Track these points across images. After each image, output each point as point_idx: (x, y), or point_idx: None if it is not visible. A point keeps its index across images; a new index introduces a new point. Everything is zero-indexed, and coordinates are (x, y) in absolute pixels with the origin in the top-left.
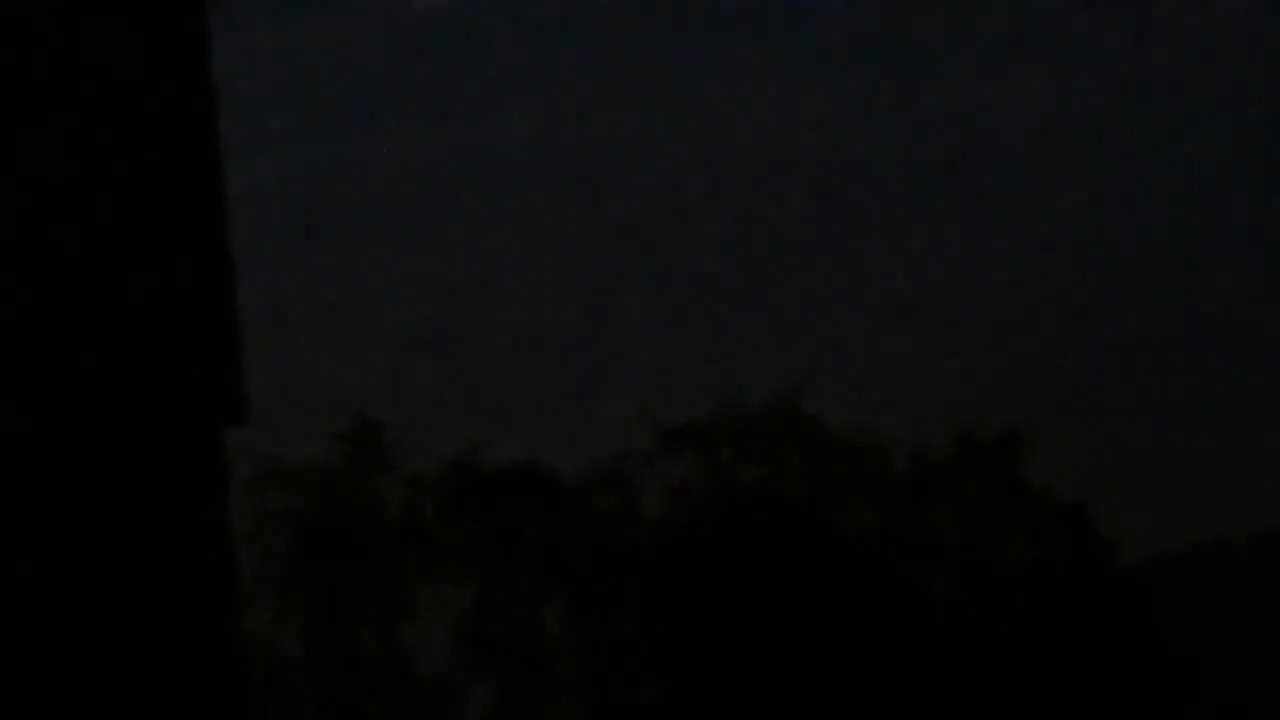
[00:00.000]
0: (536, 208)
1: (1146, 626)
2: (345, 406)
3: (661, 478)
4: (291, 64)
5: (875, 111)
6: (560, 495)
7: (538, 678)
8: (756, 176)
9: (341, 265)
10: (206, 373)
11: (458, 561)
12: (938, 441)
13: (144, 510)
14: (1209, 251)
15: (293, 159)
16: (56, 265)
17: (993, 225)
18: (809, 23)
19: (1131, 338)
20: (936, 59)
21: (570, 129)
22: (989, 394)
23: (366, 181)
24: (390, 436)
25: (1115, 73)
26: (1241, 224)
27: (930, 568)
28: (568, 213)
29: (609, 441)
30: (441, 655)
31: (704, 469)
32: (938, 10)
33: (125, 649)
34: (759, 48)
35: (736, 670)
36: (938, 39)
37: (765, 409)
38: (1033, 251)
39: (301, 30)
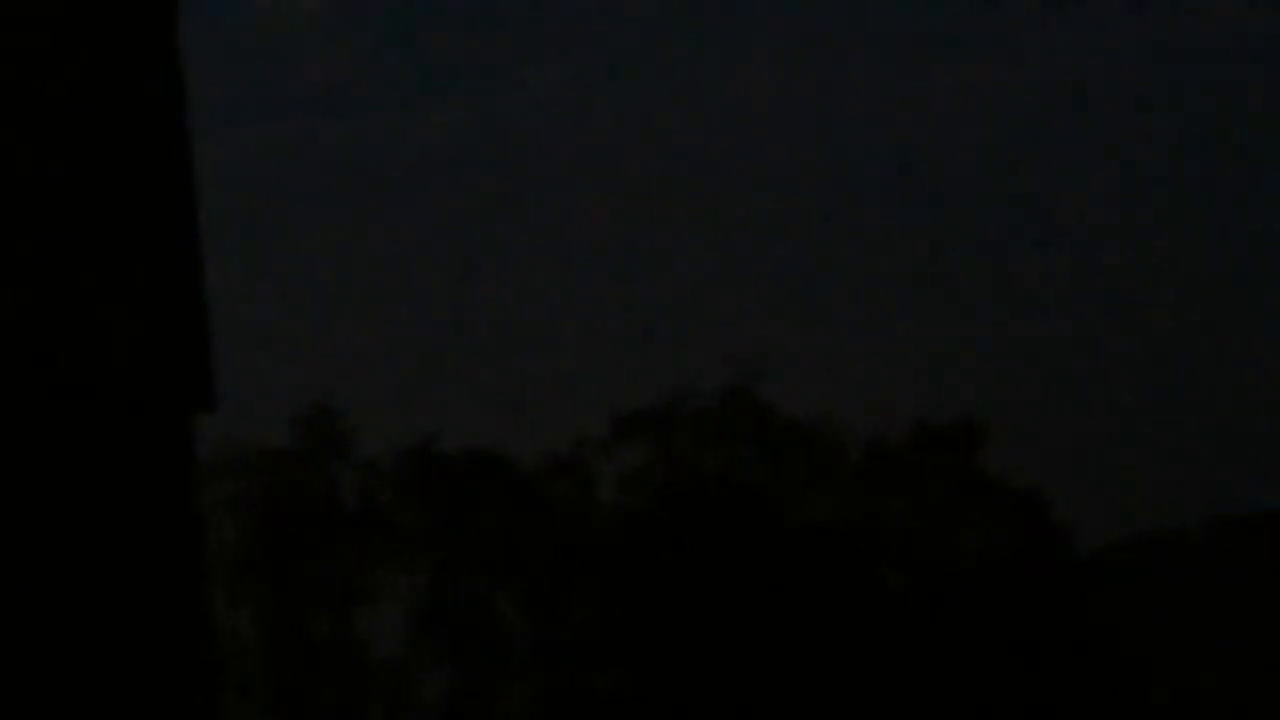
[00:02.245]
0: (494, 193)
1: (1101, 614)
2: (301, 391)
3: (617, 465)
4: (246, 44)
5: (833, 101)
6: (516, 482)
7: (493, 664)
8: (711, 164)
9: (298, 248)
10: (176, 359)
11: (413, 547)
12: (894, 430)
13: (114, 495)
14: (1164, 241)
15: (255, 139)
16: (24, 255)
17: (950, 212)
18: (755, 11)
19: (1089, 323)
20: (905, 49)
21: (533, 116)
22: (946, 382)
23: (328, 164)
24: (346, 421)
25: (1062, 68)
26: (1197, 214)
27: (886, 556)
28: (525, 199)
29: (565, 428)
30: (397, 641)
31: (660, 456)
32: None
33: (96, 633)
34: (708, 38)
35: (691, 658)
36: (911, 28)
37: (721, 396)
38: (991, 239)
39: (258, 8)
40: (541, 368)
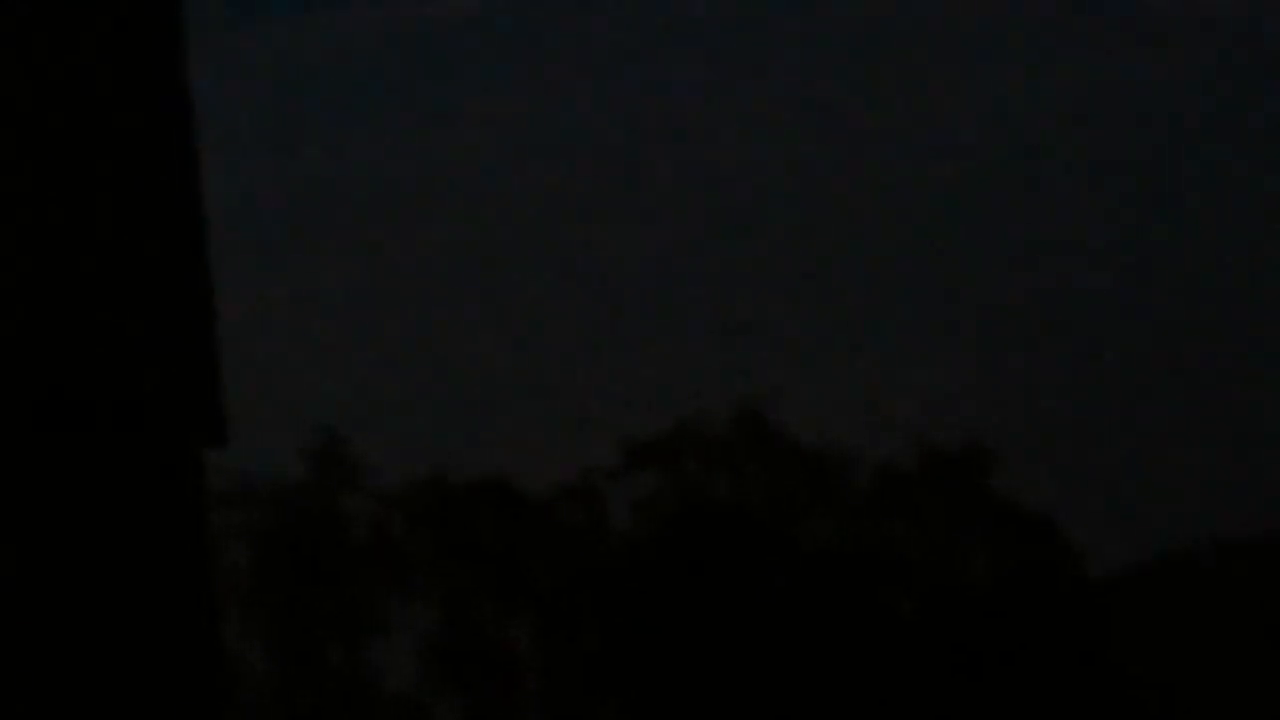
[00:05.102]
0: (503, 221)
1: (1113, 639)
2: (312, 421)
3: (627, 493)
4: (258, 75)
5: (840, 121)
6: (527, 510)
7: (505, 694)
8: (722, 185)
9: (308, 278)
10: (186, 393)
11: (425, 577)
12: (903, 455)
13: (122, 526)
14: (1174, 263)
15: (263, 171)
16: (33, 286)
17: (957, 237)
18: (757, 30)
19: (1098, 348)
20: (912, 62)
21: (537, 139)
22: (955, 407)
23: (336, 195)
24: (356, 451)
25: (1073, 84)
26: (1205, 235)
27: (896, 583)
28: (533, 225)
29: (575, 457)
30: (408, 672)
31: (670, 484)
32: (902, 15)
33: (103, 664)
34: (718, 56)
35: (703, 686)
36: (917, 40)
37: (730, 423)
38: (999, 263)
39: (271, 38)
40: (551, 395)
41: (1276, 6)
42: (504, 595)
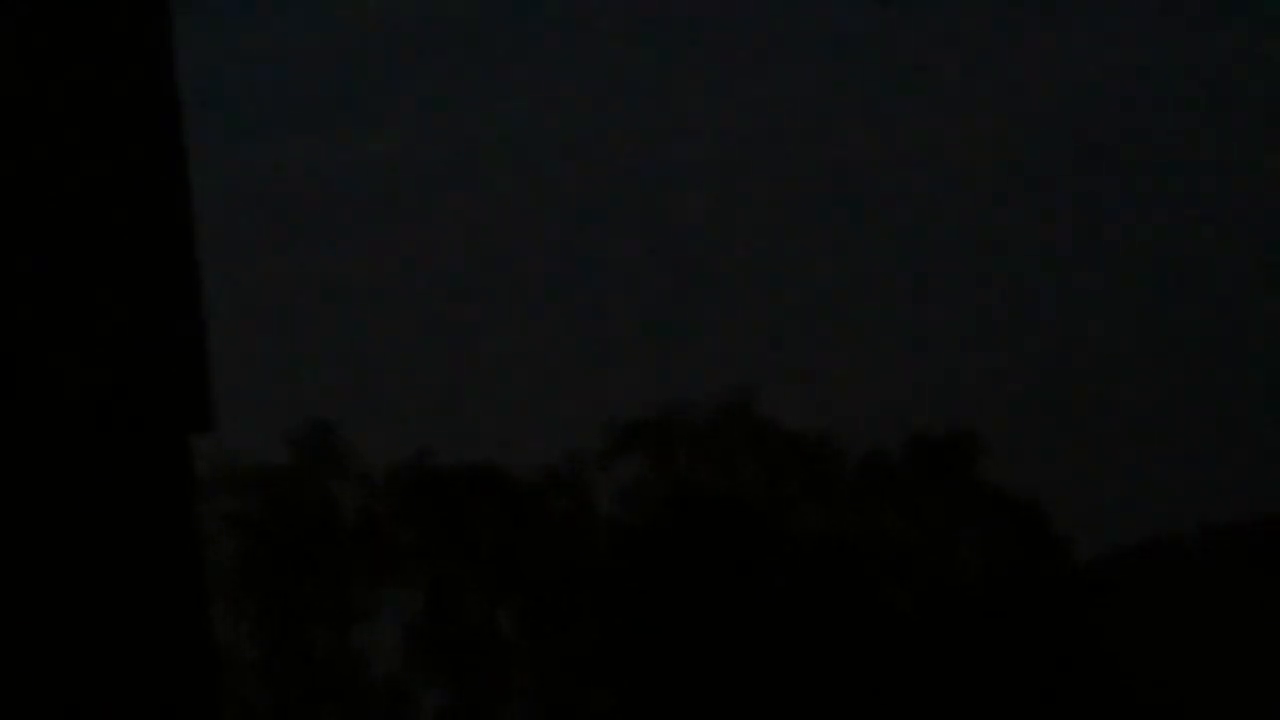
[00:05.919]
0: (488, 209)
1: (1099, 623)
2: (297, 407)
3: (614, 479)
4: (246, 62)
5: (828, 114)
6: (513, 496)
7: (491, 680)
8: (707, 175)
9: (294, 265)
10: (173, 379)
11: (411, 563)
12: (891, 442)
13: (110, 514)
14: (1162, 250)
15: (251, 160)
16: (21, 274)
17: (943, 225)
18: (737, 23)
19: (1083, 334)
20: (880, 58)
21: (525, 130)
22: (942, 394)
23: (322, 184)
24: (343, 437)
25: (1069, 80)
26: (1195, 224)
27: (884, 569)
28: (520, 213)
29: (562, 442)
30: (394, 657)
31: (657, 470)
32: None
33: (93, 651)
34: (706, 47)
35: (691, 673)
36: (888, 37)
37: (718, 410)
38: (984, 250)
39: (264, 29)
40: (536, 380)
41: None
42: (490, 581)
